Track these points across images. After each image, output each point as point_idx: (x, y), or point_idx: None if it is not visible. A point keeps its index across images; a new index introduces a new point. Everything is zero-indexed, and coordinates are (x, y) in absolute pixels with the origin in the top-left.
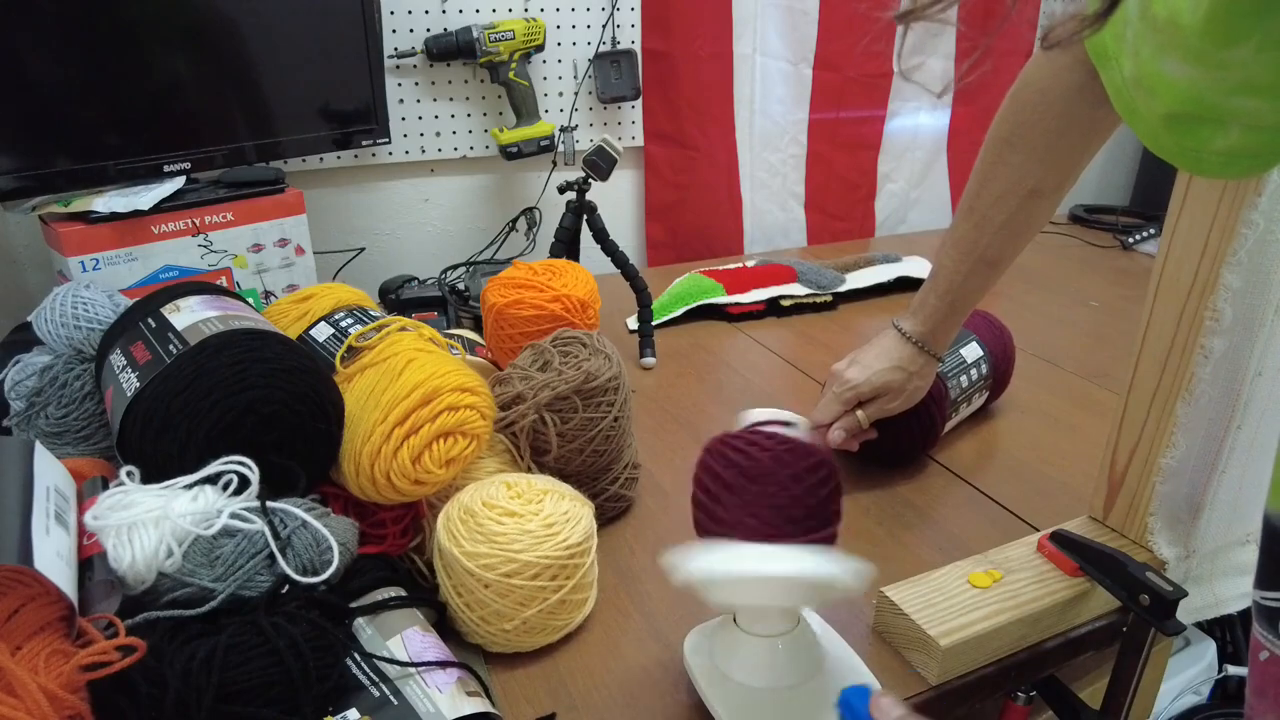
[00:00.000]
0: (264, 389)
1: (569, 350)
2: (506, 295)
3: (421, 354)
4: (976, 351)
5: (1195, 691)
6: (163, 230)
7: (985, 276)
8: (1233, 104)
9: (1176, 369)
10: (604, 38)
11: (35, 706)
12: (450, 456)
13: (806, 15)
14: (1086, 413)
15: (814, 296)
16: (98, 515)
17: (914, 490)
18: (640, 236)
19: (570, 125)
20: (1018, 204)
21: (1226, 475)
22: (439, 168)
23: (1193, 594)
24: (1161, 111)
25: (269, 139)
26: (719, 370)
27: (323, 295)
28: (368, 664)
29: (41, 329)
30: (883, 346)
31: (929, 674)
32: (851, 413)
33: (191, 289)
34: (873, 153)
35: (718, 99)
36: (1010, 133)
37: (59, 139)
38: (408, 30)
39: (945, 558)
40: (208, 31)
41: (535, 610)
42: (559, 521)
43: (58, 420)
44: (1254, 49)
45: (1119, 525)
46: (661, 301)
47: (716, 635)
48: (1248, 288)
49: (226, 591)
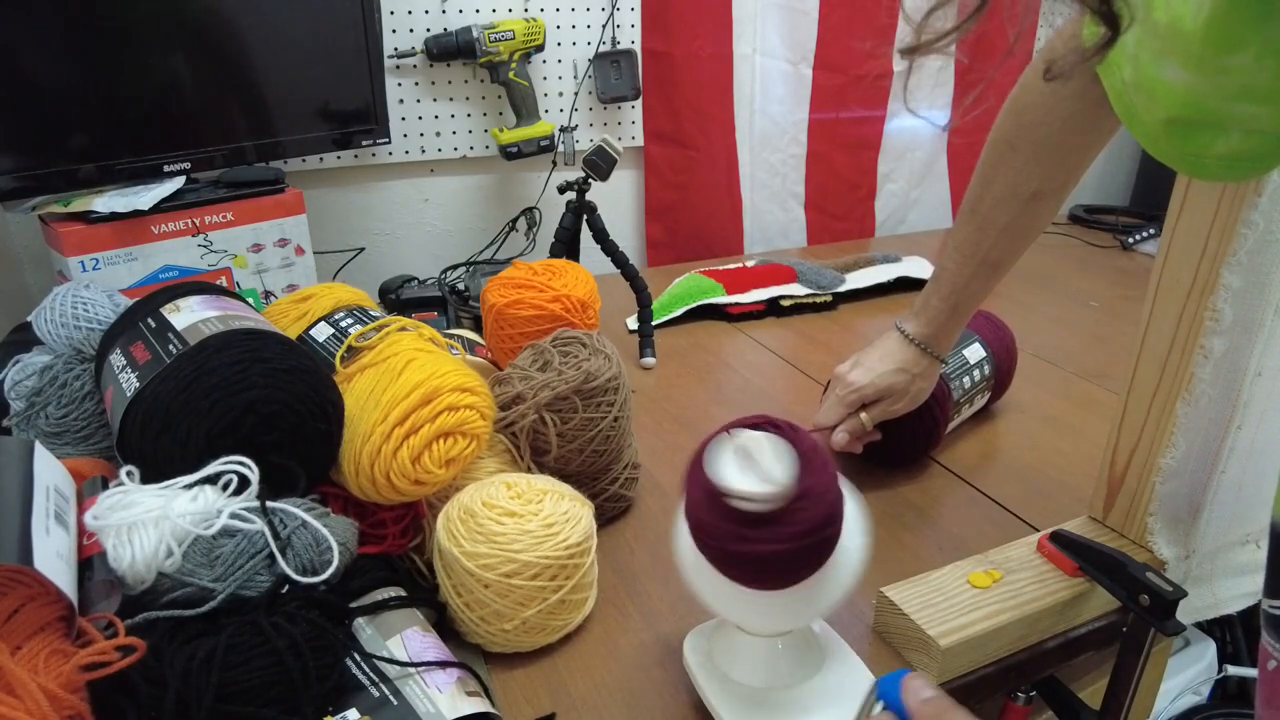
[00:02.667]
0: (264, 389)
1: (569, 350)
2: (506, 295)
3: (421, 354)
4: (980, 352)
5: (1195, 691)
6: (163, 230)
7: (988, 278)
8: (1233, 109)
9: (1176, 369)
10: (604, 38)
11: (35, 706)
12: (450, 456)
13: (806, 15)
14: (1086, 413)
15: (814, 296)
16: (98, 515)
17: (914, 490)
18: (640, 236)
19: (570, 125)
20: (1020, 206)
21: (1226, 475)
22: (439, 168)
23: (1192, 594)
24: (1161, 116)
25: (269, 139)
26: (719, 370)
27: (322, 295)
28: (367, 664)
29: (41, 329)
30: (886, 349)
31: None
32: (855, 415)
33: (191, 289)
34: (873, 153)
35: (718, 99)
36: (1012, 135)
37: (59, 139)
38: (408, 30)
39: (945, 558)
40: (208, 32)
41: (535, 610)
42: (559, 521)
43: (58, 420)
44: (1254, 56)
45: (1119, 525)
46: (661, 301)
47: (716, 635)
48: (1248, 288)
49: (226, 591)
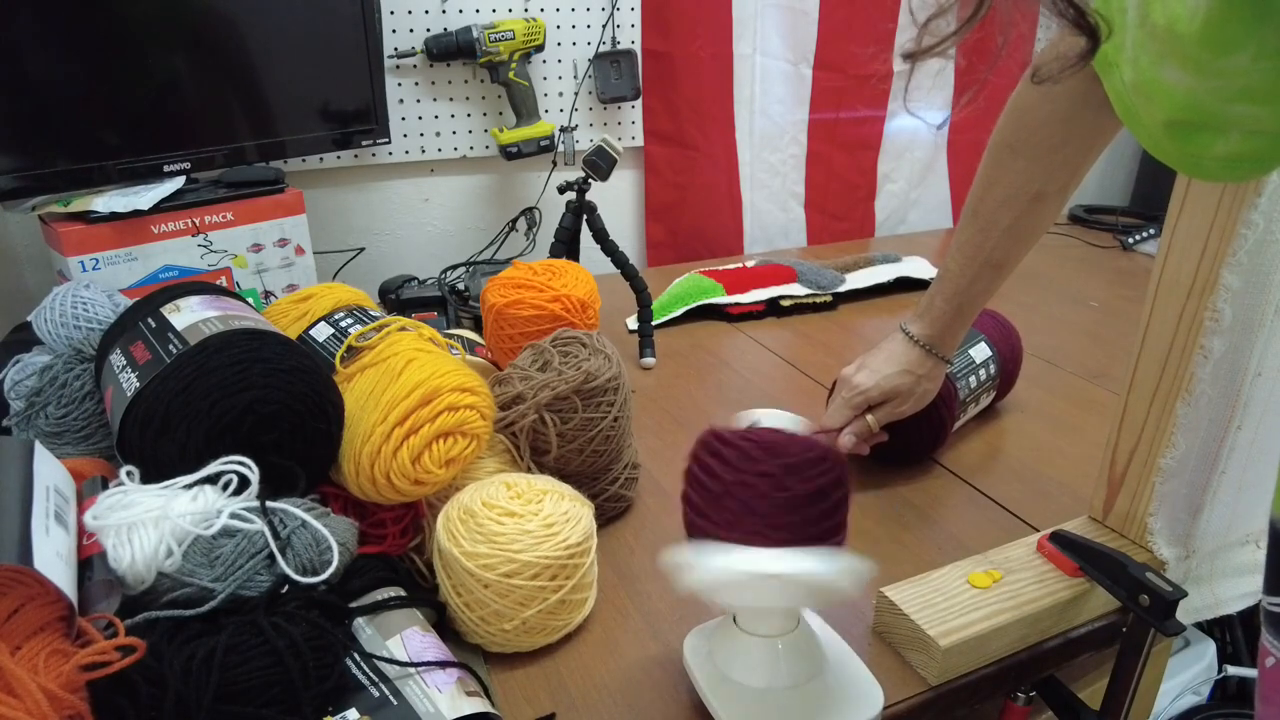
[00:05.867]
0: (264, 389)
1: (569, 350)
2: (506, 295)
3: (421, 354)
4: (985, 352)
5: (1195, 691)
6: (162, 230)
7: (991, 279)
8: (1231, 111)
9: (1176, 369)
10: (604, 38)
11: (35, 706)
12: (450, 456)
13: (806, 15)
14: (1086, 413)
15: (814, 296)
16: (97, 515)
17: (914, 490)
18: (640, 236)
19: (570, 125)
20: (1022, 208)
21: (1226, 475)
22: (439, 168)
23: (1192, 594)
24: (1161, 118)
25: (269, 139)
26: (719, 370)
27: (322, 295)
28: (367, 664)
29: (41, 329)
30: (891, 350)
31: (929, 674)
32: (861, 417)
33: (191, 289)
34: (873, 153)
35: (718, 99)
36: (1013, 137)
37: (59, 139)
38: (408, 30)
39: (945, 558)
40: (208, 31)
41: (535, 610)
42: (559, 521)
43: (57, 420)
44: (1250, 57)
45: (1119, 525)
46: (661, 301)
47: (716, 635)
48: (1247, 288)
49: (226, 591)
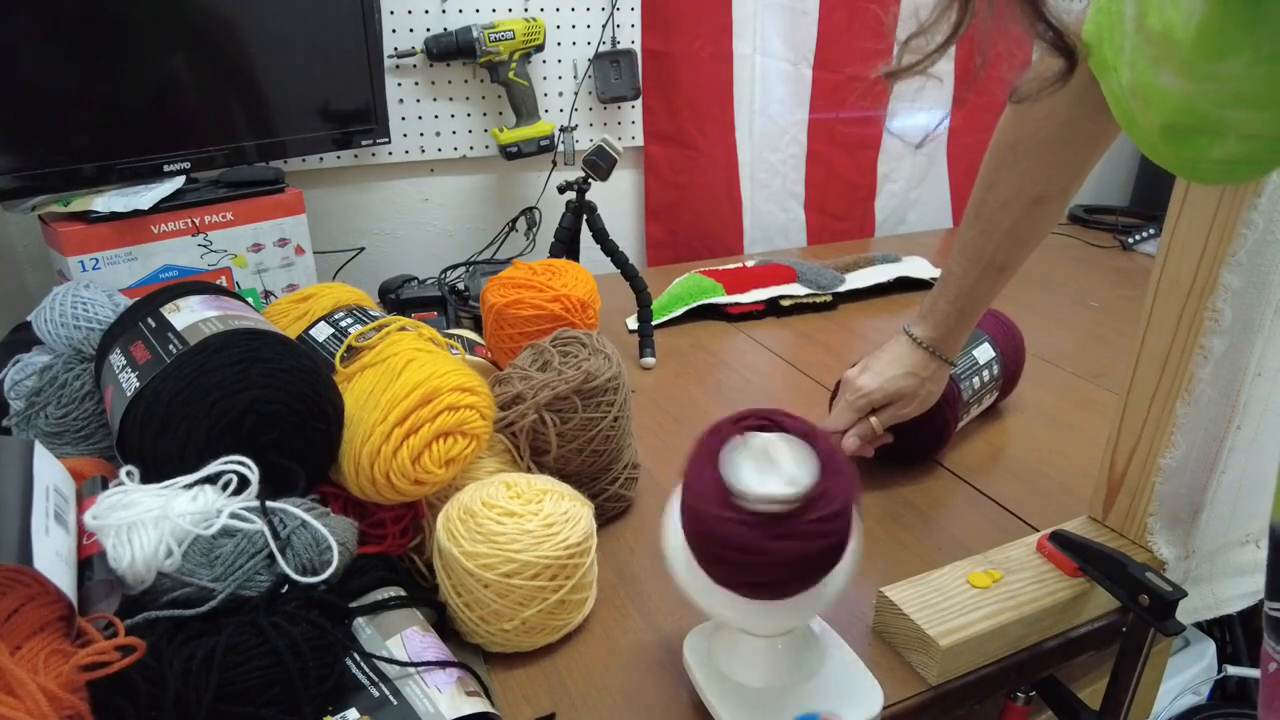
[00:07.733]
0: (264, 389)
1: (569, 350)
2: (506, 295)
3: (421, 354)
4: (989, 353)
5: (1195, 691)
6: (162, 230)
7: (994, 281)
8: (1227, 115)
9: (1176, 369)
10: (604, 38)
11: (34, 706)
12: (450, 456)
13: (806, 15)
14: (1086, 413)
15: (814, 296)
16: (97, 515)
17: (914, 490)
18: (640, 236)
19: (570, 125)
20: (1023, 210)
21: (1226, 475)
22: (439, 168)
23: (1192, 594)
24: (1158, 122)
25: (269, 139)
26: (719, 370)
27: (322, 295)
28: (367, 664)
29: (41, 329)
30: (894, 353)
31: (929, 674)
32: (865, 420)
33: (191, 289)
34: (872, 153)
35: (718, 99)
36: (1014, 140)
37: (59, 139)
38: (408, 30)
39: (945, 558)
40: (208, 31)
41: (535, 610)
42: (559, 521)
43: (57, 420)
44: (1246, 62)
45: (1119, 525)
46: (661, 301)
47: (716, 635)
48: (1247, 288)
49: (226, 591)
